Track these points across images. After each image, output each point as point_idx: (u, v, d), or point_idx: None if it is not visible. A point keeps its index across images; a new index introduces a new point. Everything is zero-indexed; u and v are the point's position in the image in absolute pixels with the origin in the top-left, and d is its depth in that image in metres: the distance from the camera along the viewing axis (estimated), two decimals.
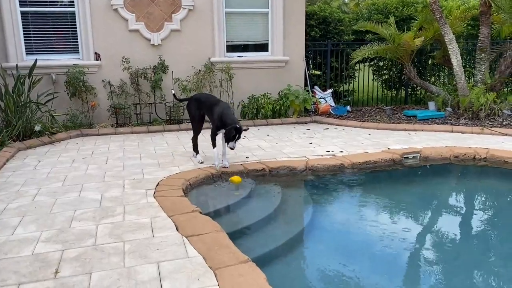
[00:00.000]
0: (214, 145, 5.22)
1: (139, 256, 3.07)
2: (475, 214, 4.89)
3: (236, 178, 4.90)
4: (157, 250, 3.15)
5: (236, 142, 4.97)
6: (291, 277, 3.36)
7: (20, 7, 7.50)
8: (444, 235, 4.15)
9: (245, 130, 4.96)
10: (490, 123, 7.87)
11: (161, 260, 3.01)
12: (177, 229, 3.50)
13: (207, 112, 5.40)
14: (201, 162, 5.45)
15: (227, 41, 8.69)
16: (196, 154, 5.65)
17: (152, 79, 8.01)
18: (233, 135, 4.84)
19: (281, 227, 4.10)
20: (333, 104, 9.49)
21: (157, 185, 4.65)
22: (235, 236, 3.58)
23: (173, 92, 6.51)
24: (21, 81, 6.83)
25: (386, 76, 11.04)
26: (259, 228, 3.97)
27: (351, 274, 3.36)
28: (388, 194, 5.22)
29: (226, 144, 5.02)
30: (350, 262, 3.54)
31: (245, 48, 9.01)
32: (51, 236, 3.42)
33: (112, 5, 7.83)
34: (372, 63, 10.93)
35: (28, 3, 7.58)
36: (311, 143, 6.72)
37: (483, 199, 5.41)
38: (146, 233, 3.45)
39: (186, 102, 6.26)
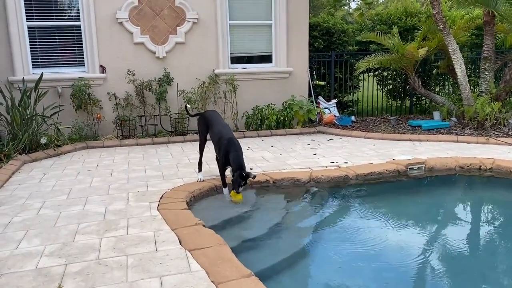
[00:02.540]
0: (224, 184, 4.88)
1: (142, 271, 3.06)
2: (482, 226, 4.85)
3: (237, 198, 4.66)
4: (160, 264, 3.14)
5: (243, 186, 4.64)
6: None
7: (26, 21, 7.61)
8: (451, 247, 4.10)
9: (253, 178, 4.63)
10: (495, 133, 7.82)
11: (164, 274, 3.00)
12: (180, 243, 3.49)
13: (212, 136, 5.11)
14: (201, 181, 5.18)
15: (231, 53, 8.75)
16: (199, 171, 5.35)
17: (157, 91, 8.06)
18: (239, 183, 4.55)
19: (286, 240, 4.07)
20: (337, 114, 9.49)
21: (161, 197, 4.66)
22: (239, 249, 3.57)
23: (189, 106, 6.49)
24: (27, 94, 6.90)
25: (391, 86, 11.03)
26: (263, 241, 3.95)
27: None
28: (393, 206, 5.18)
29: (233, 188, 4.68)
30: (355, 276, 3.50)
31: (249, 59, 9.06)
32: (55, 250, 3.42)
33: (117, 18, 7.92)
34: (376, 73, 10.93)
35: (34, 17, 7.69)
36: (315, 154, 6.71)
37: (489, 210, 5.36)
38: (149, 247, 3.44)
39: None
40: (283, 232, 4.21)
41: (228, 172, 4.96)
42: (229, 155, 4.67)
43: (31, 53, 7.76)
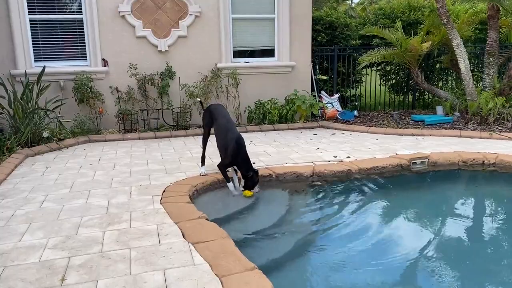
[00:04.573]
0: (227, 179, 4.83)
1: (146, 264, 3.06)
2: (485, 221, 4.83)
3: (250, 193, 4.68)
4: (163, 257, 3.14)
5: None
6: (298, 285, 3.33)
7: (29, 14, 7.58)
8: (453, 242, 4.10)
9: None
10: (499, 127, 7.80)
11: (167, 267, 3.00)
12: (183, 236, 3.49)
13: (217, 130, 5.06)
14: (204, 175, 5.17)
15: (233, 47, 8.72)
16: (202, 165, 5.31)
17: (159, 85, 8.04)
18: (257, 180, 4.62)
19: (289, 234, 4.06)
20: (340, 109, 9.46)
21: (164, 191, 4.65)
22: (242, 243, 3.57)
23: (199, 99, 6.58)
24: (30, 88, 6.89)
25: (394, 81, 10.98)
26: (266, 235, 3.94)
27: (360, 283, 3.32)
28: (396, 200, 5.17)
29: (247, 187, 4.69)
30: (357, 270, 3.50)
31: (251, 53, 9.03)
32: (58, 243, 3.43)
33: (119, 12, 7.89)
34: (379, 67, 10.89)
35: (36, 11, 7.66)
36: (318, 148, 6.70)
37: (492, 205, 5.34)
38: (153, 240, 3.44)
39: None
40: (286, 225, 4.21)
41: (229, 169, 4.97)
42: (238, 157, 4.65)
43: (33, 47, 7.75)
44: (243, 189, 4.72)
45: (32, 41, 7.72)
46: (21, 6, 7.45)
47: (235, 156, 4.67)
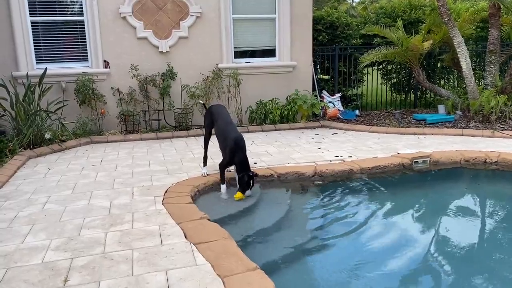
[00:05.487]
0: (223, 180, 4.82)
1: (148, 264, 3.07)
2: (487, 220, 4.81)
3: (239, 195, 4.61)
4: (165, 258, 3.14)
5: (252, 189, 4.64)
6: (300, 285, 3.33)
7: (30, 16, 7.60)
8: (455, 241, 4.09)
9: (255, 176, 4.66)
10: (501, 126, 7.78)
11: (169, 268, 3.01)
12: (185, 237, 3.50)
13: (217, 131, 5.06)
14: (206, 175, 5.19)
15: (234, 47, 8.72)
16: (204, 165, 5.34)
17: (161, 86, 8.06)
18: (247, 182, 4.54)
19: (290, 234, 4.06)
20: (341, 108, 9.46)
21: (166, 192, 4.66)
22: (244, 243, 3.57)
23: (202, 102, 6.65)
24: (31, 89, 6.91)
25: (395, 80, 10.98)
26: (268, 235, 3.95)
27: (363, 282, 3.32)
28: (397, 200, 5.17)
29: (240, 190, 4.65)
30: (359, 270, 3.50)
31: (252, 53, 9.04)
32: (61, 244, 3.44)
33: (120, 13, 7.90)
34: (380, 66, 10.88)
35: (38, 12, 7.69)
36: (319, 148, 6.70)
37: (494, 203, 5.33)
38: (155, 241, 3.45)
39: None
40: (287, 226, 4.21)
41: (230, 168, 4.97)
42: (235, 157, 4.64)
43: (35, 49, 7.76)
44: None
45: (34, 43, 7.74)
46: (22, 8, 7.47)
47: (232, 155, 4.67)
